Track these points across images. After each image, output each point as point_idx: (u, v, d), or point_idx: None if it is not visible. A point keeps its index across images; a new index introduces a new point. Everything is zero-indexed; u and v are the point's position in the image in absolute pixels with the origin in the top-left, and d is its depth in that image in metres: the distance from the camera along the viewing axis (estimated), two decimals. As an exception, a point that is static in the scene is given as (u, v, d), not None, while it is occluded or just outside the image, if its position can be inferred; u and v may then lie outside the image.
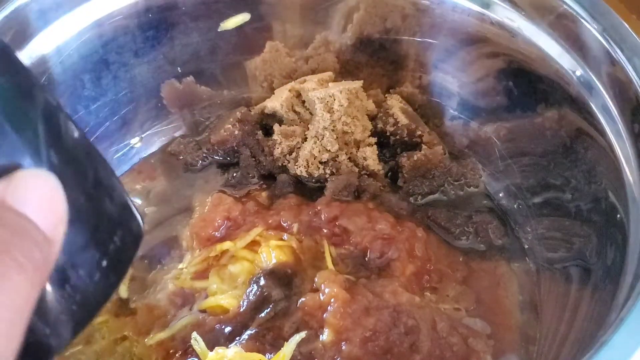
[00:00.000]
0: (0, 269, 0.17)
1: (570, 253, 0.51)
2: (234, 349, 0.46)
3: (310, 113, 0.60)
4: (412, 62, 0.62)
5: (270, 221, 0.55)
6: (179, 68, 0.62)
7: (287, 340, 0.46)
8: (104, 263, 0.22)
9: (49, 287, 0.19)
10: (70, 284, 0.20)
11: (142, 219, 0.24)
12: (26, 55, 0.51)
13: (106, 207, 0.22)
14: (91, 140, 0.50)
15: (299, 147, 0.59)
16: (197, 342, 0.47)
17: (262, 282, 0.50)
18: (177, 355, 0.49)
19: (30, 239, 0.18)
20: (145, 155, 0.63)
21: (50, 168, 0.19)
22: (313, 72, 0.63)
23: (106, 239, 0.22)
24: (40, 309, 0.18)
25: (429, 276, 0.53)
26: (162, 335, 0.50)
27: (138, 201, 0.60)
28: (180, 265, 0.54)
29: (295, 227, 0.54)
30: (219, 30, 0.61)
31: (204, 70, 0.63)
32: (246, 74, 0.64)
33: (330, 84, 0.60)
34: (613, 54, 0.45)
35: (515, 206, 0.58)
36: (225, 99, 0.65)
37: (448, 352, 0.47)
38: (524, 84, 0.54)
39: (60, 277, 0.20)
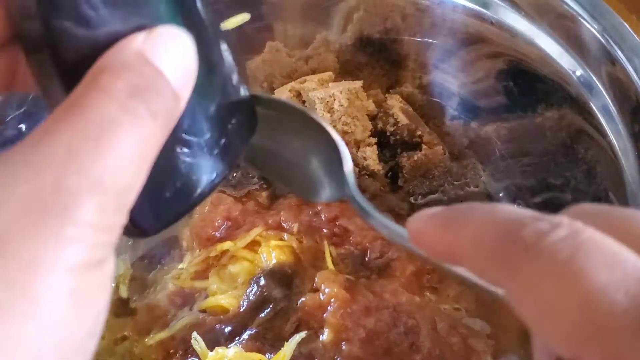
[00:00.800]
0: (135, 112, 0.18)
1: (570, 253, 0.51)
2: (234, 349, 0.46)
3: (310, 113, 0.60)
4: (412, 62, 0.62)
5: (270, 221, 0.55)
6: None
7: (287, 340, 0.46)
8: (222, 141, 0.22)
9: (173, 150, 0.21)
10: (191, 150, 0.21)
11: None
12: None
13: (227, 87, 0.23)
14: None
15: (299, 147, 0.59)
16: (197, 342, 0.47)
17: (262, 282, 0.50)
18: (177, 355, 0.49)
19: (163, 91, 0.19)
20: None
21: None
22: (313, 72, 0.63)
23: (225, 118, 0.23)
24: (160, 170, 0.19)
25: (429, 276, 0.53)
26: (162, 335, 0.50)
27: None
28: (180, 265, 0.54)
29: (295, 227, 0.54)
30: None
31: (204, 70, 0.63)
32: (246, 74, 0.64)
33: (330, 84, 0.60)
34: (613, 54, 0.45)
35: (515, 206, 0.58)
36: (225, 99, 0.65)
37: (448, 352, 0.47)
38: (524, 84, 0.54)
39: (184, 142, 0.21)
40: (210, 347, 0.47)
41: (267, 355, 0.46)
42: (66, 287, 0.17)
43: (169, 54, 0.19)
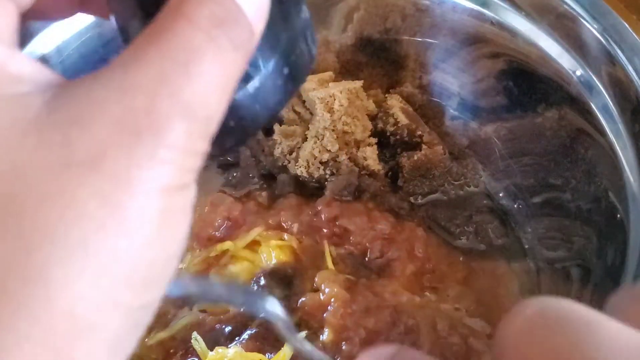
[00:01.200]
0: (219, 42, 0.18)
1: (570, 253, 0.52)
2: (234, 349, 0.46)
3: (311, 113, 0.60)
4: (412, 62, 0.62)
5: (270, 221, 0.55)
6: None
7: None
8: (286, 71, 0.23)
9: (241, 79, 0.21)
10: (258, 79, 0.22)
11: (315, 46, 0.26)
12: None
13: (293, 18, 0.23)
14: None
15: (299, 147, 0.59)
16: (198, 341, 0.47)
17: (262, 282, 0.50)
18: (177, 355, 0.49)
19: (242, 24, 0.19)
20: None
21: None
22: (313, 72, 0.63)
23: (289, 49, 0.23)
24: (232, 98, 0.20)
25: (430, 275, 0.53)
26: (162, 335, 0.50)
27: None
28: (180, 265, 0.54)
29: (295, 227, 0.54)
30: (219, 30, 0.61)
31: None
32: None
33: (330, 84, 0.60)
34: (613, 54, 0.45)
35: (515, 206, 0.58)
36: (226, 99, 0.65)
37: (448, 352, 0.47)
38: (524, 84, 0.54)
39: (252, 70, 0.21)
40: (210, 347, 0.47)
41: (267, 355, 0.46)
42: (156, 207, 0.17)
43: None
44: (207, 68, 0.18)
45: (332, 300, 0.48)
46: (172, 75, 0.18)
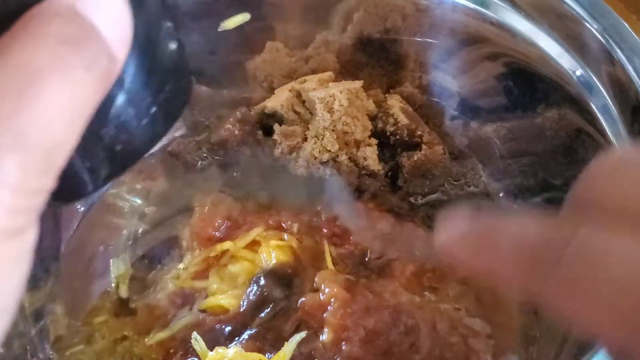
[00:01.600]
0: (67, 61, 0.16)
1: (570, 253, 0.51)
2: (234, 349, 0.46)
3: (311, 113, 0.60)
4: (412, 62, 0.62)
5: (270, 221, 0.55)
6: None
7: (287, 340, 0.46)
8: (153, 110, 0.21)
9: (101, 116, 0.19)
10: (118, 119, 0.20)
11: (192, 79, 0.24)
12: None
13: (162, 52, 0.22)
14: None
15: (299, 147, 0.59)
16: (197, 342, 0.47)
17: (262, 282, 0.50)
18: (177, 355, 0.49)
19: (97, 45, 0.17)
20: (145, 155, 0.63)
21: None
22: (313, 72, 0.63)
23: (158, 86, 0.21)
24: (86, 137, 0.18)
25: (429, 275, 0.53)
26: (162, 335, 0.50)
27: (138, 201, 0.60)
28: (180, 265, 0.54)
29: (295, 227, 0.54)
30: (219, 30, 0.61)
31: (204, 70, 0.63)
32: (246, 74, 0.64)
33: (330, 84, 0.60)
34: (613, 54, 0.45)
35: (515, 206, 0.58)
36: (225, 99, 0.65)
37: (448, 352, 0.47)
38: (524, 84, 0.54)
39: (109, 109, 0.19)
40: (210, 347, 0.47)
41: (267, 355, 0.46)
42: None
43: (102, 9, 0.17)
44: (50, 91, 0.16)
45: (332, 300, 0.48)
46: (2, 100, 0.15)
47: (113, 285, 0.54)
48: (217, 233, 0.55)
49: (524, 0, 0.51)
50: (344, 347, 0.46)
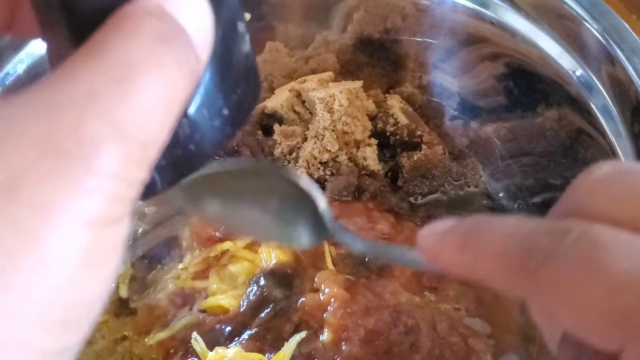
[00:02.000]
0: (161, 58, 0.17)
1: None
2: (234, 349, 0.46)
3: (310, 113, 0.60)
4: (412, 62, 0.62)
5: (270, 221, 0.55)
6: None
7: (287, 340, 0.46)
8: (225, 111, 0.21)
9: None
10: (192, 120, 0.20)
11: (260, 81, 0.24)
12: (26, 56, 0.51)
13: (236, 55, 0.22)
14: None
15: (299, 147, 0.59)
16: (197, 342, 0.47)
17: (262, 282, 0.50)
18: (177, 355, 0.49)
19: (187, 44, 0.18)
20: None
21: None
22: (313, 72, 0.63)
23: (230, 88, 0.22)
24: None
25: (429, 275, 0.53)
26: (162, 335, 0.50)
27: (138, 201, 0.60)
28: (180, 265, 0.54)
29: (295, 227, 0.54)
30: (219, 30, 0.61)
31: (204, 70, 0.63)
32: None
33: (330, 84, 0.60)
34: (613, 54, 0.45)
35: (515, 206, 0.58)
36: (225, 99, 0.65)
37: (448, 352, 0.47)
38: (524, 84, 0.54)
39: (188, 108, 0.20)
40: (210, 347, 0.47)
41: (267, 355, 0.46)
42: (80, 242, 0.15)
43: (188, 11, 0.18)
44: (147, 86, 0.16)
45: (332, 300, 0.48)
46: (104, 91, 0.16)
47: (113, 285, 0.54)
48: (217, 233, 0.55)
49: (524, 0, 0.51)
50: (344, 347, 0.46)
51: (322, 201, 0.24)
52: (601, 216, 0.17)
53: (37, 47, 0.51)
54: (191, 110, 0.20)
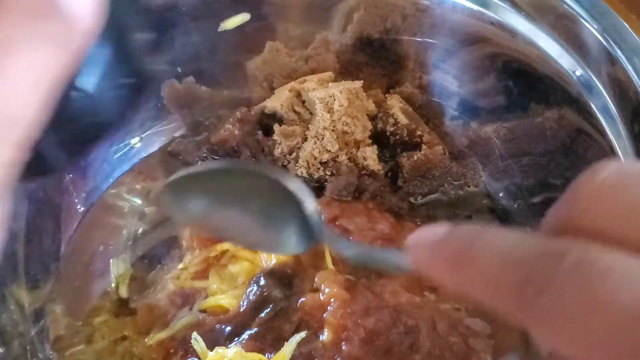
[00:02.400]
0: (35, 35, 0.16)
1: (570, 253, 0.51)
2: (234, 349, 0.46)
3: (310, 113, 0.60)
4: (412, 62, 0.62)
5: (270, 221, 0.55)
6: (179, 68, 0.62)
7: (287, 340, 0.46)
8: (122, 81, 0.21)
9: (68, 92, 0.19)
10: (83, 93, 0.20)
11: None
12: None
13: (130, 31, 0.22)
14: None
15: (299, 147, 0.59)
16: (197, 342, 0.47)
17: (262, 282, 0.50)
18: (177, 355, 0.49)
19: (66, 19, 0.17)
20: (145, 155, 0.63)
21: None
22: (313, 72, 0.63)
23: (125, 59, 0.21)
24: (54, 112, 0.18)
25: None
26: (162, 335, 0.50)
27: (138, 201, 0.60)
28: (180, 265, 0.54)
29: (295, 227, 0.54)
30: (219, 30, 0.61)
31: (204, 70, 0.63)
32: (246, 74, 0.64)
33: (330, 84, 0.60)
34: (613, 54, 0.45)
35: (515, 206, 0.58)
36: (225, 99, 0.65)
37: (448, 352, 0.47)
38: (524, 84, 0.54)
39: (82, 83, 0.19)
40: (210, 347, 0.47)
41: (267, 355, 0.46)
42: None
43: None
44: (20, 63, 0.16)
45: (332, 300, 0.48)
46: None
47: (113, 285, 0.54)
48: (217, 233, 0.55)
49: (524, 0, 0.51)
50: (344, 347, 0.46)
51: (310, 204, 0.23)
52: (601, 233, 0.16)
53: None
54: (81, 83, 0.19)
